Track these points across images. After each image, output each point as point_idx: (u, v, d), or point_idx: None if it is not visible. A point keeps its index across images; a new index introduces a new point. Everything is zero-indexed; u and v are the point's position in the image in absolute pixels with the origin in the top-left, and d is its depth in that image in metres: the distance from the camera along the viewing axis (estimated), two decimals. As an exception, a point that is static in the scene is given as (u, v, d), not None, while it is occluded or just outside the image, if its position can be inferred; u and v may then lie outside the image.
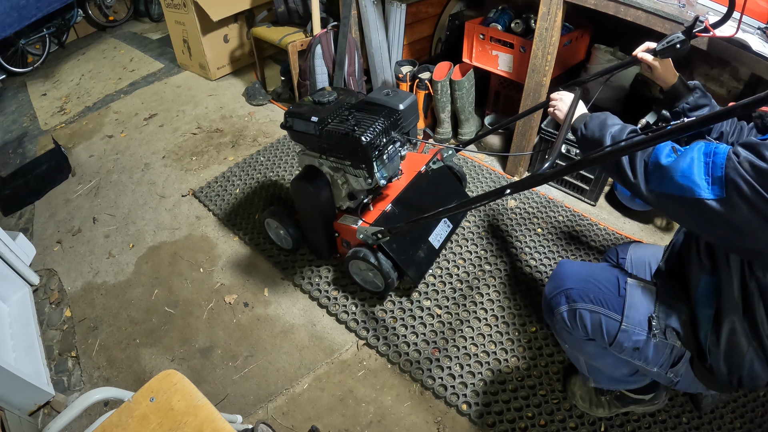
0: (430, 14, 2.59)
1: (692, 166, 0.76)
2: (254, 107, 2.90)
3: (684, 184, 0.76)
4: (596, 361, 1.13)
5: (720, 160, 0.73)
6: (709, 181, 0.74)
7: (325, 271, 1.82)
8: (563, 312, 1.06)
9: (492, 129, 1.68)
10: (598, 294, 1.03)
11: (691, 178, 0.76)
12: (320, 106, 1.51)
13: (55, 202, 2.34)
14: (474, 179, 2.24)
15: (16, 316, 1.76)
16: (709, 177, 0.74)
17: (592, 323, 1.03)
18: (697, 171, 0.75)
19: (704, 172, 0.75)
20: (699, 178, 0.75)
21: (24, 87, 3.54)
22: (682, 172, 0.77)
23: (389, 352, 1.54)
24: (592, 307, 1.02)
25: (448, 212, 1.20)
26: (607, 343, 1.02)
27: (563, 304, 1.06)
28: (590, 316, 1.03)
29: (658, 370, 1.02)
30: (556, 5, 1.65)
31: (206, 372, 1.56)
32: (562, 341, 1.16)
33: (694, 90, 1.14)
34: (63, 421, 0.89)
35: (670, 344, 0.98)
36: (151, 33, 4.16)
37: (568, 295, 1.06)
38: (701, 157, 0.76)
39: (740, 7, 1.05)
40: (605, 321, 1.01)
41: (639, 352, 1.00)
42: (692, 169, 0.76)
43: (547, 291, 1.13)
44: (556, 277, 1.12)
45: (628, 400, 1.32)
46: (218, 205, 2.16)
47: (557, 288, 1.09)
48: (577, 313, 1.04)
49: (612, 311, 1.01)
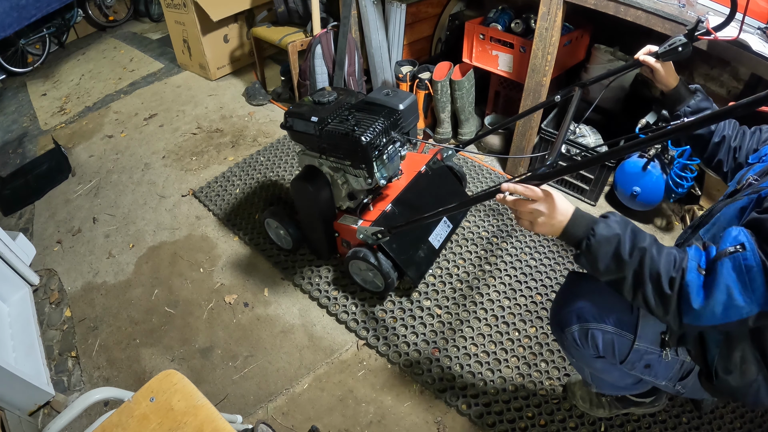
0: (430, 14, 2.59)
1: (731, 296, 0.69)
2: (254, 107, 2.90)
3: (725, 317, 0.71)
4: (603, 374, 1.11)
5: (756, 273, 0.67)
6: (753, 298, 0.68)
7: (325, 271, 1.82)
8: (574, 332, 1.02)
9: (492, 129, 1.68)
10: (611, 313, 0.98)
11: (731, 309, 0.70)
12: (320, 106, 1.51)
13: (55, 202, 2.34)
14: (474, 179, 2.24)
15: (16, 316, 1.76)
16: (750, 294, 0.68)
17: (604, 343, 0.99)
18: (738, 297, 0.69)
19: (742, 294, 0.69)
20: (739, 302, 0.69)
21: (24, 87, 3.54)
22: (723, 309, 0.70)
23: (389, 352, 1.54)
24: (605, 327, 0.98)
25: (448, 212, 1.20)
26: (617, 361, 1.00)
27: (574, 323, 1.02)
28: (602, 336, 0.99)
29: (666, 384, 1.01)
30: (556, 5, 1.65)
31: (206, 372, 1.56)
32: (569, 355, 1.13)
33: (695, 93, 1.13)
34: (63, 421, 0.89)
35: (681, 360, 0.97)
36: (151, 33, 4.16)
37: (579, 315, 1.01)
38: (734, 280, 0.69)
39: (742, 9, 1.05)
40: (617, 340, 0.98)
41: (650, 369, 0.99)
42: (731, 300, 0.69)
43: (555, 308, 1.08)
44: (566, 293, 1.08)
45: (628, 403, 1.32)
46: (218, 205, 2.16)
47: (567, 306, 1.04)
48: (588, 333, 1.00)
49: (625, 330, 0.97)
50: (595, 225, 0.83)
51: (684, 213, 1.96)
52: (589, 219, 0.86)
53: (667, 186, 1.80)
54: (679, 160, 1.73)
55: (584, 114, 1.57)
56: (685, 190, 1.78)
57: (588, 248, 0.84)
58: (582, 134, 2.04)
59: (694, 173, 1.74)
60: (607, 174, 1.99)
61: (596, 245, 0.82)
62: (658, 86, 1.18)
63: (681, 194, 1.80)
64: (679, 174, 1.74)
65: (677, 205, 2.02)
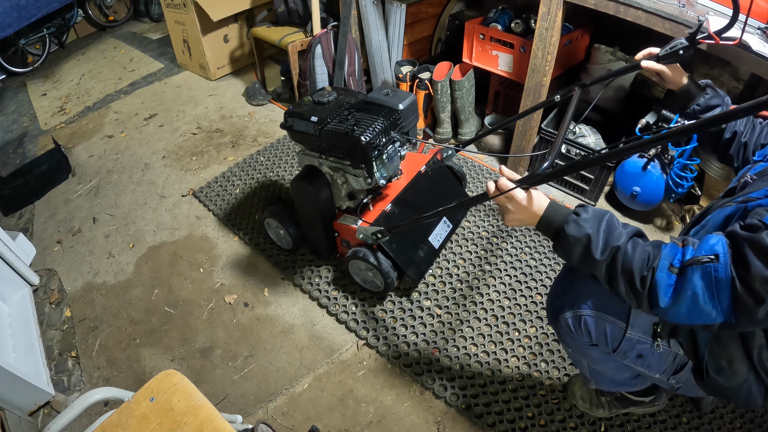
0: (430, 14, 2.59)
1: (696, 302, 0.71)
2: (254, 107, 2.90)
3: (690, 319, 0.73)
4: (599, 365, 1.12)
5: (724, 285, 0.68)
6: (718, 308, 0.69)
7: (325, 271, 1.82)
8: (567, 318, 1.03)
9: (492, 129, 1.68)
10: (603, 300, 0.99)
11: (696, 313, 0.72)
12: (320, 106, 1.51)
13: (55, 202, 2.34)
14: (474, 179, 2.24)
15: (16, 316, 1.76)
16: (716, 304, 0.69)
17: (596, 330, 1.01)
18: (703, 305, 0.70)
19: (708, 303, 0.70)
20: (704, 310, 0.70)
21: (24, 87, 3.54)
22: (687, 312, 0.73)
23: (389, 352, 1.54)
24: (597, 314, 1.00)
25: (447, 212, 1.20)
26: (610, 349, 1.01)
27: (567, 311, 1.03)
28: (595, 323, 1.00)
29: (660, 377, 1.01)
30: (556, 5, 1.65)
31: (206, 372, 1.56)
32: (566, 345, 1.15)
33: (705, 90, 1.12)
34: (63, 421, 0.89)
35: (674, 352, 0.97)
36: (151, 33, 4.16)
37: (572, 302, 1.03)
38: (702, 288, 0.70)
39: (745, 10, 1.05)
40: (610, 328, 0.99)
41: (642, 359, 0.99)
42: (696, 305, 0.71)
43: (551, 296, 1.10)
44: (560, 282, 1.10)
45: (628, 402, 1.32)
46: (218, 205, 2.16)
47: (561, 294, 1.06)
48: (581, 320, 1.01)
49: (617, 318, 0.99)
50: (566, 224, 0.84)
51: (684, 213, 1.96)
52: (562, 214, 0.87)
53: (667, 186, 1.80)
54: (679, 160, 1.73)
55: (584, 114, 1.57)
56: (685, 190, 1.77)
57: (559, 245, 0.87)
58: (582, 134, 2.04)
59: (694, 173, 1.73)
60: (607, 174, 1.99)
61: (566, 244, 0.84)
62: (667, 86, 1.17)
63: (681, 194, 1.80)
64: (679, 174, 1.74)
65: (677, 205, 2.02)
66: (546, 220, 0.89)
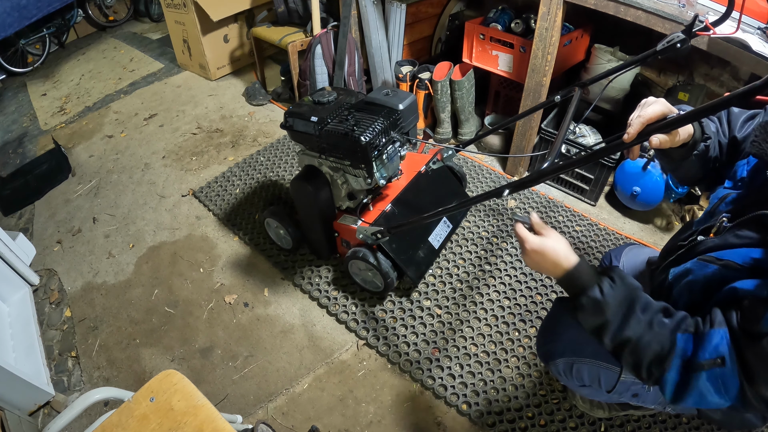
0: (430, 14, 2.59)
1: (703, 398, 0.71)
2: (254, 107, 2.90)
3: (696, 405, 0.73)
4: (592, 396, 1.12)
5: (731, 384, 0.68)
6: (725, 398, 0.69)
7: (325, 271, 1.82)
8: (559, 365, 1.01)
9: (492, 129, 1.68)
10: (597, 347, 0.94)
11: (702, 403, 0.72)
12: (320, 106, 1.51)
13: (55, 202, 2.34)
14: (474, 179, 2.24)
15: (16, 316, 1.76)
16: (723, 395, 0.69)
17: (589, 376, 0.99)
18: (710, 399, 0.70)
19: (715, 396, 0.70)
20: (711, 401, 0.71)
21: (24, 87, 3.54)
22: (694, 403, 0.72)
23: (389, 352, 1.54)
24: (590, 361, 0.97)
25: (447, 212, 1.20)
26: (605, 391, 1.00)
27: (558, 357, 1.01)
28: (588, 369, 0.98)
29: (656, 407, 1.01)
30: (556, 5, 1.65)
31: (206, 372, 1.56)
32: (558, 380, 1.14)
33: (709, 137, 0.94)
34: (63, 421, 0.89)
35: None
36: (151, 33, 4.16)
37: (563, 350, 1.00)
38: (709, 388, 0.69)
39: (739, 6, 1.05)
40: (603, 373, 0.97)
41: (638, 397, 0.99)
42: (703, 400, 0.71)
43: (541, 339, 1.07)
44: (551, 324, 1.06)
45: (627, 405, 1.31)
46: (218, 205, 2.16)
47: (552, 339, 1.03)
48: (573, 368, 0.99)
49: (611, 364, 0.96)
50: (586, 299, 0.78)
51: (684, 213, 1.96)
52: (585, 280, 0.79)
53: (667, 186, 1.80)
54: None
55: (584, 114, 1.57)
56: (685, 190, 1.77)
57: (573, 309, 0.82)
58: (582, 134, 2.04)
59: (694, 173, 1.73)
60: (607, 174, 1.99)
61: (581, 317, 0.81)
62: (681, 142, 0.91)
63: (681, 194, 1.80)
64: (679, 174, 1.74)
65: (677, 205, 2.02)
66: (570, 277, 0.81)
